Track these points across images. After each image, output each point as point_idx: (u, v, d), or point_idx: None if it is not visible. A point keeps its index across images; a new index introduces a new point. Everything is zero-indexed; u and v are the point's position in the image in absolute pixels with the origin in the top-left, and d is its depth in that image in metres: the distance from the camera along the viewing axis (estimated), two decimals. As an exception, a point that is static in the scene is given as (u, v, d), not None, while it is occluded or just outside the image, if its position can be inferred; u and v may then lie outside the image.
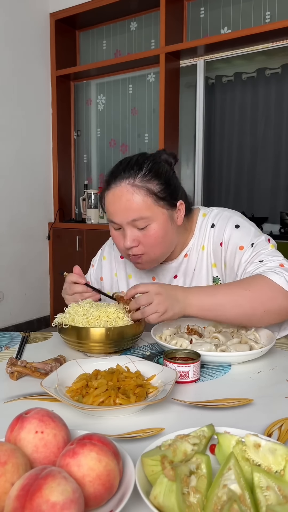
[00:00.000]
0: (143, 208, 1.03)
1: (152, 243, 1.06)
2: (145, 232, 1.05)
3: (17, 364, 0.87)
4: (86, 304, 1.03)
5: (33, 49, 3.73)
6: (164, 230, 1.06)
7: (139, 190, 1.03)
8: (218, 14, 3.27)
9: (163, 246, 1.09)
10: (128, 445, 0.61)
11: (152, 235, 1.05)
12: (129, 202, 1.03)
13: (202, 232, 1.18)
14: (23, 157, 3.69)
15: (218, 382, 0.85)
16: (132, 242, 1.05)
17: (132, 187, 1.03)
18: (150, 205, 1.03)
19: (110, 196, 1.06)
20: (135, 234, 1.05)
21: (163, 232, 1.06)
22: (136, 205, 1.02)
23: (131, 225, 1.05)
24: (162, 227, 1.06)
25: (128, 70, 3.73)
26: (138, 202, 1.02)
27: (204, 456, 0.52)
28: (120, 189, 1.04)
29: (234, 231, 1.11)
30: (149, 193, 1.03)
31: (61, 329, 1.00)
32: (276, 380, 0.86)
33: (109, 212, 1.08)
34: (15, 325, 3.69)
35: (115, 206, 1.05)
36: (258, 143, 4.37)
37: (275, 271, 0.99)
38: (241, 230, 1.11)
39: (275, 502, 0.46)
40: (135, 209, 1.03)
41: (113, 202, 1.05)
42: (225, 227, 1.13)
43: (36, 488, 0.41)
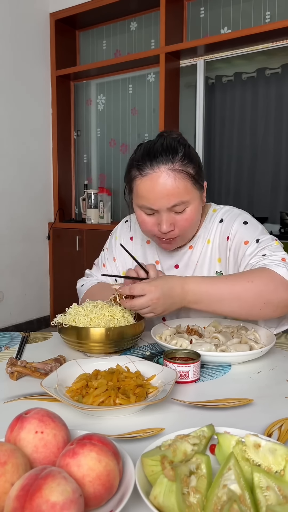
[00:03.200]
0: (184, 192, 1.03)
1: (187, 225, 1.07)
2: (182, 215, 1.06)
3: (17, 364, 0.87)
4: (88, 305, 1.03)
5: (33, 49, 3.73)
6: (198, 212, 1.09)
7: (180, 175, 1.02)
8: (218, 14, 3.27)
9: (195, 227, 1.12)
10: (128, 445, 0.61)
11: (187, 218, 1.06)
12: (172, 187, 1.01)
13: (209, 226, 1.19)
14: (23, 157, 3.69)
15: (218, 382, 0.85)
16: (169, 227, 1.06)
17: (172, 172, 1.01)
18: (189, 189, 1.04)
19: (147, 182, 1.03)
20: (172, 218, 1.06)
21: (197, 213, 1.09)
22: (178, 190, 1.02)
23: (169, 211, 1.04)
24: (196, 209, 1.08)
25: (128, 70, 3.73)
26: (180, 187, 1.02)
27: (204, 456, 0.52)
28: (160, 174, 1.01)
29: (241, 226, 1.12)
30: (189, 177, 1.03)
31: (61, 329, 1.00)
32: (276, 380, 0.86)
33: (146, 198, 1.04)
34: (15, 325, 3.69)
35: (154, 192, 1.02)
36: (258, 143, 4.37)
37: (277, 263, 1.00)
38: (248, 227, 1.12)
39: (275, 502, 0.46)
40: (177, 194, 1.02)
41: (152, 188, 1.02)
42: (234, 222, 1.14)
43: (36, 488, 0.41)
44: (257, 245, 1.07)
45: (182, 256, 1.21)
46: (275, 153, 4.30)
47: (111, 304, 1.04)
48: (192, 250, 1.20)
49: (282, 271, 0.97)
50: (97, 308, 1.02)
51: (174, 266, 1.22)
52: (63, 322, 1.00)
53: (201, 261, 1.19)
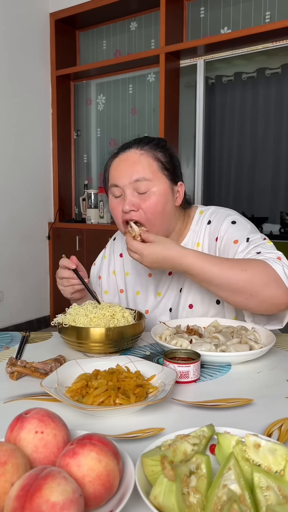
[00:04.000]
0: (148, 170, 1.07)
1: (152, 210, 1.07)
2: (145, 197, 1.07)
3: (17, 364, 0.87)
4: (89, 305, 1.03)
5: (33, 49, 3.73)
6: (164, 199, 1.08)
7: (147, 154, 1.08)
8: (218, 14, 3.27)
9: (162, 219, 1.10)
10: (128, 445, 0.61)
11: (152, 201, 1.07)
12: (135, 163, 1.07)
13: (197, 229, 1.19)
14: (23, 157, 3.69)
15: (218, 382, 0.85)
16: (131, 206, 1.07)
17: (140, 151, 1.09)
18: (154, 170, 1.08)
19: (116, 161, 1.11)
20: (135, 198, 1.07)
21: (163, 201, 1.08)
22: (141, 166, 1.07)
23: (132, 188, 1.07)
24: (162, 195, 1.08)
25: (128, 70, 3.73)
26: (144, 163, 1.07)
27: (204, 456, 0.52)
28: (128, 153, 1.09)
29: (230, 226, 1.12)
30: (155, 159, 1.09)
31: (61, 329, 1.00)
32: (276, 380, 0.86)
33: (113, 176, 1.11)
34: (15, 325, 3.69)
35: (119, 168, 1.09)
36: (258, 143, 4.37)
37: (274, 259, 0.99)
38: (237, 226, 1.12)
39: (275, 502, 0.46)
40: (140, 169, 1.07)
41: (118, 165, 1.10)
42: (222, 223, 1.14)
43: (36, 488, 0.41)
44: (247, 244, 1.07)
45: None
46: (275, 153, 4.30)
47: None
48: None
49: (278, 268, 0.97)
50: (97, 308, 1.02)
51: (168, 273, 1.23)
52: (63, 322, 1.00)
53: None
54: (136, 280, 1.29)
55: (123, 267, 1.32)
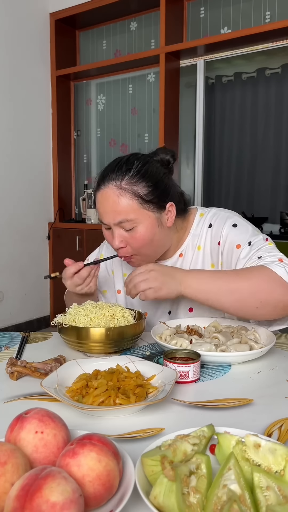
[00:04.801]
0: (129, 210, 1.04)
1: (139, 245, 1.07)
2: (132, 233, 1.06)
3: (17, 364, 0.87)
4: (89, 306, 1.03)
5: (33, 49, 3.73)
6: (150, 232, 1.07)
7: (125, 193, 1.04)
8: (218, 14, 3.27)
9: (151, 248, 1.10)
10: (128, 445, 0.61)
11: (138, 237, 1.06)
12: (115, 204, 1.04)
13: (198, 232, 1.18)
14: (23, 157, 3.69)
15: (218, 382, 0.85)
16: (120, 243, 1.08)
17: (118, 190, 1.04)
18: (135, 208, 1.05)
19: (98, 197, 1.08)
20: (123, 235, 1.07)
21: (150, 234, 1.07)
22: (121, 207, 1.04)
23: (118, 226, 1.07)
24: (148, 229, 1.06)
25: (128, 70, 3.73)
26: (124, 205, 1.04)
27: (204, 456, 0.52)
28: (107, 190, 1.05)
29: (231, 230, 1.12)
30: (134, 196, 1.04)
31: (61, 329, 1.00)
32: (276, 380, 0.86)
33: (98, 212, 1.10)
34: (15, 325, 3.69)
35: (103, 207, 1.07)
36: (258, 143, 4.37)
37: (275, 263, 0.99)
38: (238, 229, 1.11)
39: (275, 502, 0.46)
40: (121, 211, 1.04)
41: (101, 203, 1.07)
42: (223, 226, 1.13)
43: (36, 488, 0.41)
44: (250, 248, 1.07)
45: (174, 265, 1.20)
46: (275, 153, 4.30)
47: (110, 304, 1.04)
48: (183, 258, 1.20)
49: (280, 271, 0.97)
50: (97, 308, 1.02)
51: None
52: (63, 322, 1.00)
53: (192, 268, 1.18)
54: None
55: (121, 268, 1.31)
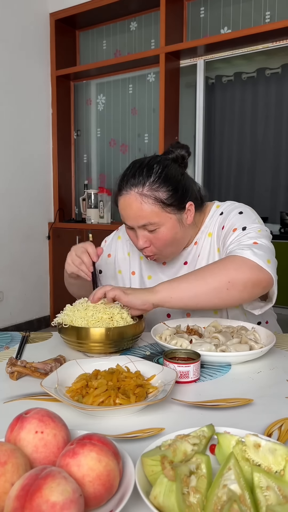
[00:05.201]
0: (151, 215, 1.09)
1: (162, 244, 1.13)
2: (155, 234, 1.12)
3: (17, 364, 0.87)
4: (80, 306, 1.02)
5: (33, 49, 3.72)
6: (172, 232, 1.13)
7: (147, 199, 1.09)
8: (218, 14, 3.27)
9: (173, 246, 1.16)
10: (128, 445, 0.61)
11: (161, 237, 1.12)
12: (139, 210, 1.10)
13: (211, 220, 1.22)
14: (23, 157, 3.69)
15: (218, 382, 0.85)
16: (144, 243, 1.13)
17: (140, 196, 1.09)
18: (158, 212, 1.10)
19: (121, 202, 1.13)
20: (146, 235, 1.13)
21: (172, 234, 1.13)
22: (144, 212, 1.09)
23: (142, 228, 1.12)
24: (170, 230, 1.12)
25: (128, 70, 3.73)
26: (146, 210, 1.09)
27: (204, 456, 0.52)
28: (130, 196, 1.10)
29: (236, 216, 1.15)
30: (156, 202, 1.09)
31: (61, 329, 1.00)
32: (276, 380, 0.86)
33: (122, 216, 1.15)
34: (15, 325, 3.69)
35: (126, 211, 1.13)
36: (258, 143, 4.37)
37: (242, 247, 1.02)
38: (242, 216, 1.15)
39: (275, 502, 0.46)
40: (144, 216, 1.09)
41: (124, 208, 1.13)
42: (231, 213, 1.17)
43: (36, 488, 0.41)
44: (240, 232, 1.09)
45: (189, 253, 1.25)
46: (275, 153, 4.30)
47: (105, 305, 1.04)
48: (197, 246, 1.24)
49: (246, 253, 0.99)
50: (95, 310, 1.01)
51: (184, 263, 1.25)
52: (63, 322, 1.00)
53: (202, 254, 1.22)
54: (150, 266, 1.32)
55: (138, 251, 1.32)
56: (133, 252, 1.35)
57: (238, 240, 1.07)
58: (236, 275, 0.97)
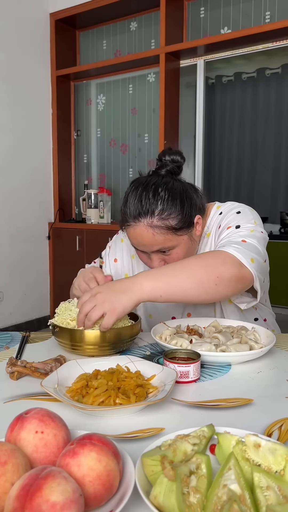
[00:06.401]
0: (164, 242, 1.08)
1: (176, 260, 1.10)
2: (170, 255, 1.11)
3: (17, 364, 0.87)
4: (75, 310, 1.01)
5: (33, 49, 3.73)
6: (185, 250, 1.12)
7: (159, 230, 1.06)
8: (218, 14, 3.27)
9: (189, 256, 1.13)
10: (128, 445, 0.61)
11: (175, 257, 1.11)
12: (151, 239, 1.07)
13: (212, 222, 1.22)
14: (23, 157, 3.69)
15: (218, 382, 0.85)
16: (159, 264, 1.12)
17: (151, 228, 1.06)
18: (170, 238, 1.08)
19: (131, 232, 1.10)
20: (161, 257, 1.12)
21: (186, 250, 1.12)
22: (157, 241, 1.07)
23: (155, 252, 1.11)
24: (183, 249, 1.12)
25: (128, 70, 3.73)
26: (159, 239, 1.07)
27: (204, 456, 0.52)
28: (140, 228, 1.07)
29: (233, 215, 1.15)
30: (168, 230, 1.07)
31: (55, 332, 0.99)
32: (276, 380, 0.86)
33: (133, 243, 1.13)
34: (15, 325, 3.69)
35: (137, 241, 1.10)
36: (258, 143, 4.37)
37: (227, 244, 1.02)
38: (239, 215, 1.14)
39: (275, 502, 0.46)
40: (157, 243, 1.08)
41: (135, 237, 1.10)
42: (229, 212, 1.17)
43: (36, 488, 0.41)
44: (232, 230, 1.09)
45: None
46: (275, 153, 4.30)
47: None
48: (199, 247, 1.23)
49: (229, 249, 0.99)
50: None
51: None
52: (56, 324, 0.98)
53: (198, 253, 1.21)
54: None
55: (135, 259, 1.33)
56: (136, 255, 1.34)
57: (228, 237, 1.08)
58: (223, 270, 0.96)
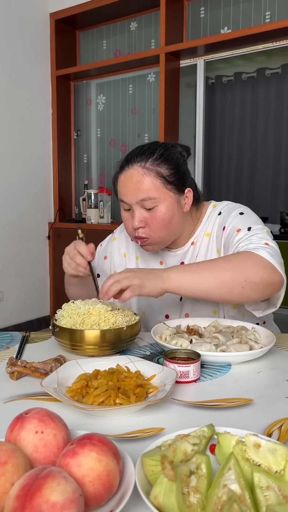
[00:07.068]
0: (152, 189, 1.08)
1: (158, 225, 1.11)
2: (153, 213, 1.10)
3: (17, 364, 0.87)
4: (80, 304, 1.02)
5: (33, 49, 3.72)
6: (170, 213, 1.11)
7: (149, 172, 1.09)
8: (218, 14, 3.27)
9: (168, 230, 1.13)
10: (128, 445, 0.61)
11: (158, 216, 1.10)
12: (139, 183, 1.09)
13: (209, 220, 1.22)
14: (23, 157, 3.69)
15: (218, 382, 0.85)
16: (140, 223, 1.11)
17: (143, 169, 1.09)
18: (158, 187, 1.09)
19: (122, 178, 1.13)
20: (143, 214, 1.11)
21: (170, 214, 1.11)
22: (145, 186, 1.08)
23: (139, 205, 1.10)
24: (169, 209, 1.11)
25: (128, 70, 3.73)
26: (147, 183, 1.08)
27: (204, 456, 0.52)
28: (132, 171, 1.10)
29: (237, 216, 1.15)
30: (158, 176, 1.09)
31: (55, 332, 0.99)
32: (276, 380, 0.86)
33: (120, 193, 1.13)
34: (15, 325, 3.69)
35: (125, 186, 1.11)
36: (258, 143, 4.37)
37: (258, 247, 1.01)
38: (243, 216, 1.15)
39: (275, 502, 0.46)
40: (144, 189, 1.08)
41: (124, 183, 1.12)
42: (231, 213, 1.17)
43: (36, 488, 0.41)
44: (246, 232, 1.09)
45: (186, 253, 1.24)
46: (275, 153, 4.30)
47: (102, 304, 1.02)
48: (194, 246, 1.23)
49: (261, 252, 0.99)
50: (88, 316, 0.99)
51: (180, 263, 1.24)
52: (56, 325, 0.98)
53: (201, 255, 1.21)
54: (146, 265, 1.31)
55: (135, 252, 1.33)
56: (129, 252, 1.34)
57: (248, 239, 1.06)
58: (252, 274, 0.96)
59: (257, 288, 0.97)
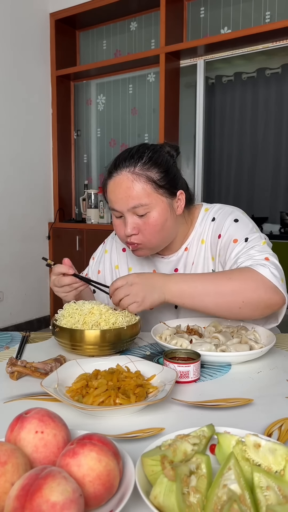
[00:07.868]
0: (143, 195, 1.05)
1: (151, 230, 1.08)
2: (145, 219, 1.07)
3: (17, 364, 0.87)
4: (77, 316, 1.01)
5: (33, 49, 3.73)
6: (163, 217, 1.08)
7: (139, 178, 1.05)
8: (218, 14, 3.27)
9: (162, 235, 1.11)
10: (128, 445, 0.61)
11: (151, 222, 1.07)
12: (129, 189, 1.05)
13: (202, 226, 1.19)
14: (23, 157, 3.69)
15: (218, 382, 0.85)
16: (133, 230, 1.08)
17: (132, 175, 1.06)
18: (149, 193, 1.06)
19: (111, 185, 1.09)
20: (136, 221, 1.08)
21: (163, 219, 1.08)
22: (136, 192, 1.05)
23: (131, 212, 1.07)
24: (161, 214, 1.08)
25: (128, 70, 3.73)
26: (138, 190, 1.05)
27: (204, 456, 0.52)
28: (121, 177, 1.06)
29: (232, 224, 1.13)
30: (148, 181, 1.06)
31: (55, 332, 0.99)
32: (276, 380, 0.86)
33: (110, 200, 1.10)
34: (15, 325, 3.69)
35: (115, 194, 1.08)
36: (258, 143, 4.37)
37: (260, 263, 1.00)
38: (239, 224, 1.12)
39: (275, 502, 0.46)
40: (135, 196, 1.05)
41: (114, 190, 1.08)
42: (225, 220, 1.14)
43: (36, 488, 0.41)
44: (245, 244, 1.08)
45: (179, 260, 1.22)
46: (275, 153, 4.30)
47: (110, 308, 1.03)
48: (188, 252, 1.21)
49: (264, 271, 0.97)
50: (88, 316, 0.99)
51: (174, 270, 1.23)
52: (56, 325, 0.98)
53: (196, 261, 1.19)
54: None
55: (126, 262, 1.32)
56: (121, 264, 1.32)
57: (247, 253, 1.05)
58: (251, 296, 0.96)
59: (256, 308, 0.98)
